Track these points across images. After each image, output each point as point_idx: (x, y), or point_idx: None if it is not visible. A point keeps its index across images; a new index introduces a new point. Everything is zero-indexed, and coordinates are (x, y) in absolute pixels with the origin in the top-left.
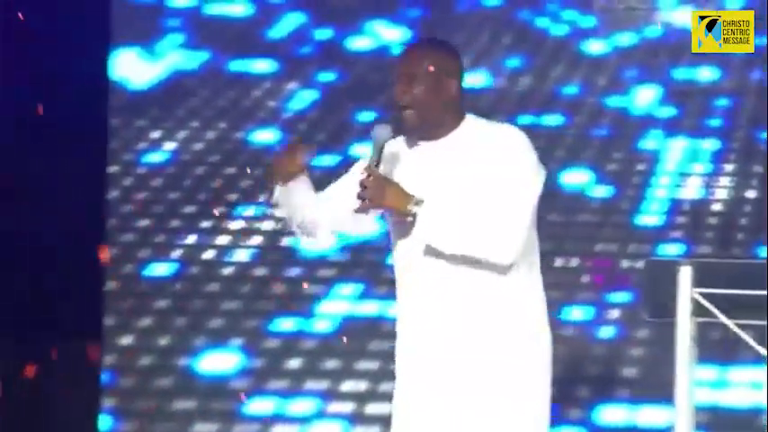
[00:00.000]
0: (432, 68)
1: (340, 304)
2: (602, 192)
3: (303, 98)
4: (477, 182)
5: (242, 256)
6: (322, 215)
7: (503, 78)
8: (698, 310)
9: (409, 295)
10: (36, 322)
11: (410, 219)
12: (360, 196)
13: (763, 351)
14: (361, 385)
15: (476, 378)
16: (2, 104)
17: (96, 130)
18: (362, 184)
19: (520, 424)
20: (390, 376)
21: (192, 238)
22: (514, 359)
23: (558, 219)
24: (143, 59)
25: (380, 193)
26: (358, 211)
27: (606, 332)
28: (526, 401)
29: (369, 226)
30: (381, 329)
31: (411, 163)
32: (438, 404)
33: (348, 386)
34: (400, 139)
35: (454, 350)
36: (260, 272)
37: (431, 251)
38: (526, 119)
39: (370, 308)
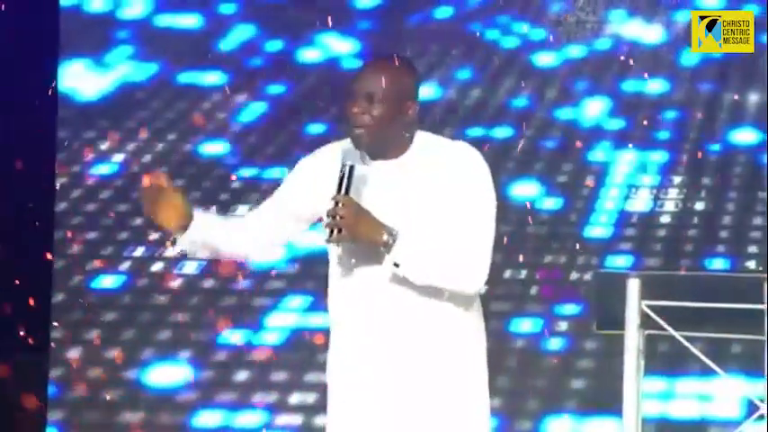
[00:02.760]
0: (392, 91)
1: (289, 316)
2: (552, 203)
3: (253, 110)
4: (435, 205)
5: (190, 268)
6: (263, 231)
7: (453, 90)
8: (646, 322)
9: (353, 307)
10: None
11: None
12: (331, 226)
13: (710, 363)
14: (309, 398)
15: (419, 382)
16: None
17: (44, 142)
18: (333, 214)
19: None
20: None
21: (140, 251)
22: (455, 362)
23: (507, 230)
24: (92, 71)
25: (355, 224)
26: (330, 241)
27: (555, 344)
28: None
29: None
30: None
31: (363, 182)
32: (381, 411)
33: (296, 398)
34: (347, 154)
35: (399, 358)
36: (208, 284)
37: (392, 276)
38: (476, 131)
39: (319, 320)
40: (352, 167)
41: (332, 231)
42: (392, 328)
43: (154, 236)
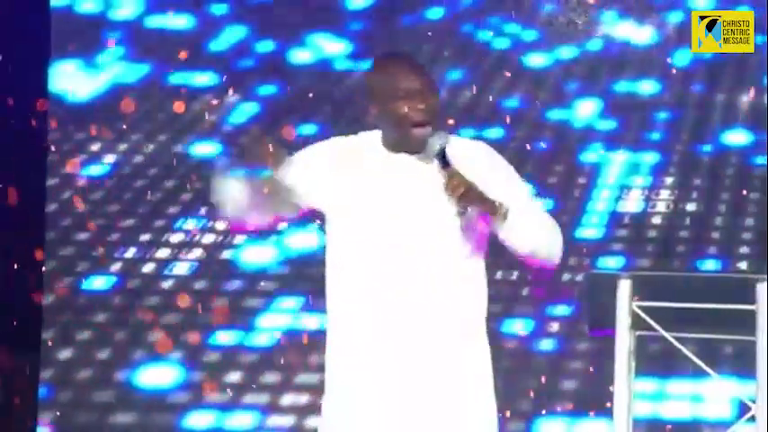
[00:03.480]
0: (435, 85)
1: (281, 317)
2: (543, 205)
3: (244, 111)
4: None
5: (182, 269)
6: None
7: (445, 91)
8: (637, 322)
9: (379, 310)
10: None
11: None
12: (457, 194)
13: (701, 364)
14: (301, 399)
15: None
16: None
17: (36, 143)
18: (454, 185)
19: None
20: None
21: (131, 252)
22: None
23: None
24: (83, 72)
25: (473, 189)
26: (462, 211)
27: (546, 345)
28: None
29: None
30: (322, 343)
31: (397, 178)
32: (401, 413)
33: (288, 400)
34: (363, 151)
35: (424, 362)
36: (200, 285)
37: (426, 278)
38: (468, 132)
39: (311, 321)
40: (442, 148)
41: (460, 204)
42: (418, 331)
43: (144, 237)
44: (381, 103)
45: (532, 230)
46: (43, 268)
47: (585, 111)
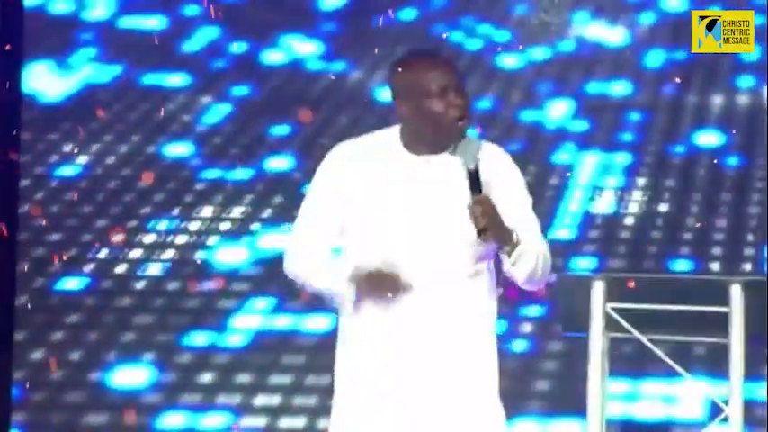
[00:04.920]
0: (463, 78)
1: (253, 318)
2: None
3: (217, 112)
4: (501, 200)
5: (154, 269)
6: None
7: None
8: (611, 324)
9: (392, 311)
10: None
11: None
12: (481, 226)
13: (674, 365)
14: (274, 399)
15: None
16: None
17: (7, 144)
18: (478, 215)
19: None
20: (304, 390)
21: (104, 252)
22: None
23: None
24: (56, 73)
25: (498, 223)
26: (484, 240)
27: (519, 345)
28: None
29: None
30: (295, 344)
31: (415, 177)
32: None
33: (261, 400)
34: (383, 153)
35: (439, 355)
36: (173, 286)
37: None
38: None
39: (283, 322)
40: (476, 168)
41: (480, 232)
42: (433, 331)
43: (117, 237)
44: (414, 101)
45: (534, 263)
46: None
47: (558, 112)
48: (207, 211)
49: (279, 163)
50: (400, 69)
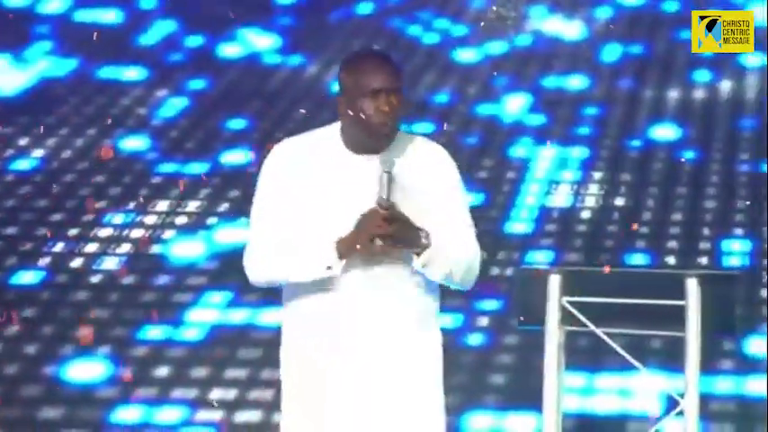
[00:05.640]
0: (402, 86)
1: (209, 312)
2: (472, 199)
3: (173, 105)
4: (426, 200)
5: (110, 263)
6: None
7: None
8: (567, 318)
9: (341, 303)
10: None
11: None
12: (382, 235)
13: (630, 358)
14: (230, 393)
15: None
16: None
17: None
18: (380, 223)
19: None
20: (260, 384)
21: (60, 246)
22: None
23: None
24: (11, 66)
25: (404, 231)
26: (380, 250)
27: (475, 339)
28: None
29: None
30: (250, 337)
31: (354, 176)
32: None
33: (217, 394)
34: (322, 151)
35: (388, 348)
36: (128, 280)
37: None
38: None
39: (239, 316)
40: (390, 173)
41: (375, 239)
42: (380, 324)
43: (73, 231)
44: (349, 99)
45: (447, 267)
46: None
47: (515, 106)
48: (163, 205)
49: (235, 157)
50: (345, 67)
